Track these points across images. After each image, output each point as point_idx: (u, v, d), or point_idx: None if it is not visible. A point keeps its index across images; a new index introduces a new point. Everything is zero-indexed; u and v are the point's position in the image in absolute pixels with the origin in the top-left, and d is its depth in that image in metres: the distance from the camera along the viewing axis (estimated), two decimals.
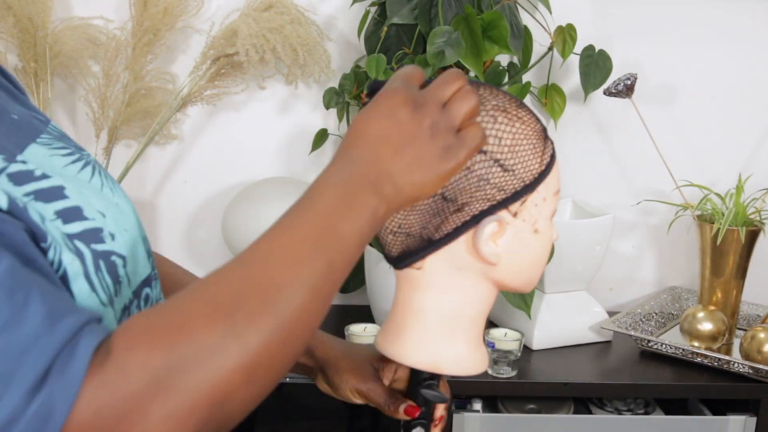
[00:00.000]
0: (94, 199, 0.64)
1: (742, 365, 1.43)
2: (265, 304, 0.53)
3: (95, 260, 0.60)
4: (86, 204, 0.62)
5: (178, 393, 0.49)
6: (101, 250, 0.61)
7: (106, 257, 0.61)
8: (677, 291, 1.77)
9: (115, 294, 0.61)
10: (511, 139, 0.71)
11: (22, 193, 0.57)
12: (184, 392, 0.49)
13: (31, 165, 0.60)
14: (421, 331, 0.75)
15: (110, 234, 0.62)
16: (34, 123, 0.67)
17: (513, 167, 0.71)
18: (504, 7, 1.50)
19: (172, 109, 1.58)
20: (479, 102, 0.67)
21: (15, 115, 0.65)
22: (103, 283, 0.60)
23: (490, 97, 0.72)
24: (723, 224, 1.52)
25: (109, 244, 0.62)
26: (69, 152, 0.67)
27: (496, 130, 0.70)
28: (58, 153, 0.66)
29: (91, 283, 0.58)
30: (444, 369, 0.76)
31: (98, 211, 0.63)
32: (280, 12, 1.54)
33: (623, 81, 1.56)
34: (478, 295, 0.75)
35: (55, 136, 0.68)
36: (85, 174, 0.67)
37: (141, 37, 1.55)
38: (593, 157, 1.77)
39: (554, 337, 1.58)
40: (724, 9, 1.71)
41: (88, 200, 0.62)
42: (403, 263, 0.74)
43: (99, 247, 0.61)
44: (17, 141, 0.62)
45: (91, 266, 0.59)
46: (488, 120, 0.70)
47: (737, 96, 1.75)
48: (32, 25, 1.51)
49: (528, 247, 0.73)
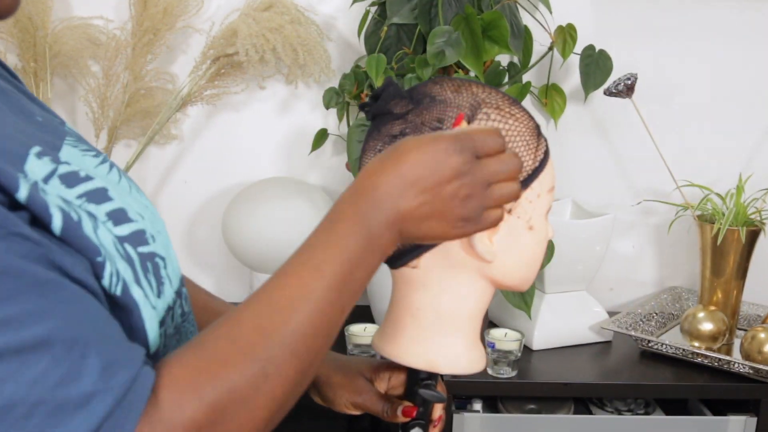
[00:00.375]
0: (130, 201, 0.63)
1: (743, 365, 1.43)
2: (291, 354, 0.56)
3: (143, 263, 0.60)
4: (128, 206, 0.62)
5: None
6: (147, 252, 0.61)
7: (151, 259, 0.61)
8: (677, 291, 1.77)
9: (159, 295, 0.62)
10: (504, 137, 0.70)
11: (75, 195, 0.57)
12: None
13: (75, 166, 0.59)
14: (417, 330, 0.75)
15: (151, 236, 0.63)
16: (56, 124, 0.67)
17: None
18: (504, 6, 1.50)
19: (172, 109, 1.58)
20: (519, 189, 0.67)
21: (39, 117, 0.65)
22: (152, 285, 0.60)
23: (483, 95, 0.72)
24: (723, 224, 1.52)
25: (152, 245, 0.62)
26: (94, 153, 0.66)
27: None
28: (88, 154, 0.65)
29: (142, 287, 0.59)
30: (441, 368, 0.75)
31: (137, 212, 0.63)
32: (280, 12, 1.54)
33: (623, 81, 1.56)
34: (475, 294, 0.75)
35: (76, 137, 0.67)
36: (113, 176, 0.66)
37: (141, 37, 1.55)
38: (593, 157, 1.77)
39: (554, 337, 1.58)
40: (725, 9, 1.71)
41: (127, 202, 0.62)
42: (399, 262, 0.74)
43: (144, 249, 0.61)
44: (52, 142, 0.61)
45: (140, 270, 0.59)
46: (481, 117, 0.71)
47: (737, 96, 1.75)
48: (32, 24, 1.51)
49: (523, 244, 0.73)
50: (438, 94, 0.72)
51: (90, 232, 0.55)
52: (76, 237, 0.53)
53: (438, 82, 0.73)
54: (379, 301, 1.60)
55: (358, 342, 1.44)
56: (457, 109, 0.70)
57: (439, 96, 0.71)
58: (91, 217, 0.57)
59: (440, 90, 0.72)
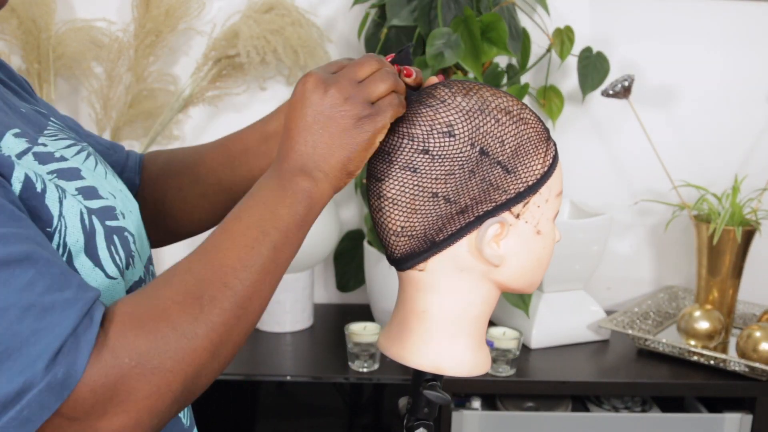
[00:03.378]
0: (103, 182, 0.70)
1: (738, 363, 1.45)
2: (224, 286, 0.60)
3: (108, 236, 0.65)
4: (99, 185, 0.68)
5: (158, 373, 0.56)
6: (115, 226, 0.67)
7: (119, 233, 0.67)
8: (674, 290, 1.78)
9: (127, 267, 0.68)
10: (514, 142, 0.71)
11: (46, 171, 0.64)
12: (164, 372, 0.56)
13: (50, 148, 0.67)
14: (423, 332, 0.75)
15: (121, 213, 0.69)
16: (39, 117, 0.73)
17: (515, 169, 0.71)
18: (503, 9, 1.51)
19: (174, 110, 1.59)
20: (397, 81, 0.69)
21: (23, 109, 0.72)
22: (116, 257, 0.66)
23: (492, 98, 0.72)
24: (719, 224, 1.54)
25: (122, 221, 0.68)
26: (72, 143, 0.72)
27: (499, 132, 0.70)
28: (64, 143, 0.71)
29: (95, 258, 0.64)
30: (447, 370, 0.75)
31: (109, 192, 0.69)
32: (281, 14, 1.55)
33: (620, 82, 1.58)
34: (481, 297, 0.75)
35: (59, 128, 0.74)
36: (90, 162, 0.72)
37: (143, 39, 1.56)
38: (591, 158, 1.78)
39: (552, 336, 1.59)
40: (720, 11, 1.72)
41: (100, 183, 0.69)
42: (406, 265, 0.74)
43: (113, 223, 0.67)
44: (33, 129, 0.68)
45: (102, 242, 0.65)
46: (491, 122, 0.70)
47: (733, 97, 1.76)
48: (36, 27, 1.53)
49: (530, 248, 0.73)
50: (447, 98, 0.71)
51: (52, 203, 0.62)
52: (35, 204, 0.60)
53: (447, 85, 0.72)
54: (378, 300, 1.61)
55: (357, 341, 1.45)
56: (466, 114, 0.70)
57: (449, 99, 0.71)
58: (59, 189, 0.63)
59: (449, 93, 0.71)
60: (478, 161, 0.69)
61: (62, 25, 1.58)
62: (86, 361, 0.53)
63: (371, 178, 0.73)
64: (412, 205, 0.71)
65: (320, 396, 1.54)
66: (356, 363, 1.47)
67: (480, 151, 0.69)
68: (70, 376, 0.52)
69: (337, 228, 1.65)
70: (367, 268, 1.62)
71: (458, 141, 0.69)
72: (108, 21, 1.62)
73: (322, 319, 1.73)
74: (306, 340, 1.64)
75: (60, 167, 0.65)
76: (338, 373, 1.47)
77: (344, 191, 1.78)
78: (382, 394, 1.54)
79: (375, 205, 0.73)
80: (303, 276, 1.65)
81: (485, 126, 0.70)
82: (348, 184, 1.77)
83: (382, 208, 0.72)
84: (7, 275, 0.53)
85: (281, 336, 1.64)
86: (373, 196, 0.73)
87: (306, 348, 1.62)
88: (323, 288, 1.84)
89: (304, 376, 1.48)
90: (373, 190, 0.73)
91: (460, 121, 0.70)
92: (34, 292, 0.53)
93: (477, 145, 0.69)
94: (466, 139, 0.69)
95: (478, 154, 0.69)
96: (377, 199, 0.72)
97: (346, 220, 1.79)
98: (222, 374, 1.42)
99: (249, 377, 1.48)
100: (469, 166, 0.69)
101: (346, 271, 1.75)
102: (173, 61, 1.69)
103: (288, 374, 1.48)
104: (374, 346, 1.45)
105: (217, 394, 1.37)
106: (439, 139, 0.69)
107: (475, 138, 0.70)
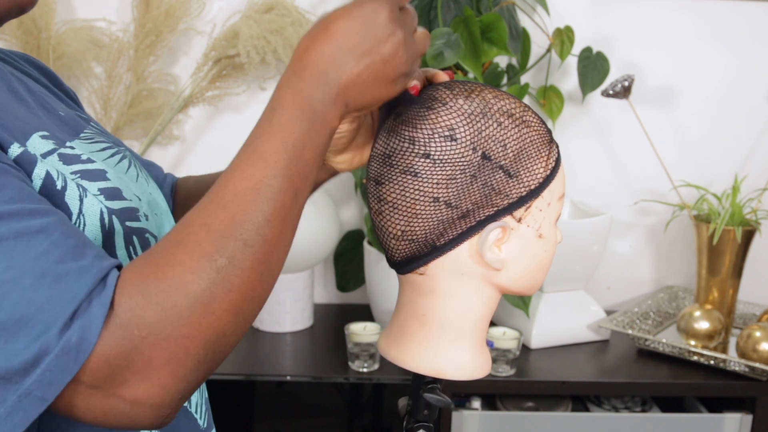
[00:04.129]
0: (131, 185, 0.69)
1: (738, 363, 1.45)
2: (243, 244, 0.56)
3: (128, 236, 0.65)
4: (125, 188, 0.67)
5: (173, 340, 0.53)
6: (136, 227, 0.66)
7: (140, 234, 0.66)
8: (674, 290, 1.78)
9: None
10: (516, 145, 0.69)
11: (70, 171, 0.63)
12: (179, 339, 0.54)
13: (78, 150, 0.66)
14: (424, 336, 0.74)
15: (144, 215, 0.68)
16: (78, 121, 0.74)
17: (518, 173, 0.69)
18: (503, 9, 1.51)
19: (174, 110, 1.59)
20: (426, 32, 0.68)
21: (62, 112, 0.73)
22: (133, 257, 0.64)
23: (495, 100, 0.70)
24: (719, 224, 1.54)
25: (144, 223, 0.67)
26: (108, 146, 0.73)
27: (502, 136, 0.69)
28: (99, 146, 0.71)
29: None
30: (447, 374, 0.75)
31: (135, 194, 0.68)
32: (281, 14, 1.55)
33: (620, 82, 1.58)
34: (482, 300, 0.74)
35: (97, 132, 0.75)
36: (122, 165, 0.72)
37: (143, 39, 1.56)
38: (591, 158, 1.78)
39: (552, 336, 1.59)
40: (720, 11, 1.72)
41: (127, 185, 0.68)
42: (406, 268, 0.73)
43: (134, 224, 0.66)
44: (67, 132, 0.69)
45: (121, 242, 0.64)
46: (493, 125, 0.69)
47: (733, 97, 1.76)
48: (36, 27, 1.53)
49: (532, 252, 0.72)
50: (449, 100, 0.69)
51: (72, 200, 0.61)
52: (54, 201, 0.60)
53: (449, 87, 0.71)
54: (378, 300, 1.61)
55: (357, 341, 1.46)
56: (468, 117, 0.69)
57: (450, 102, 0.69)
58: (80, 188, 0.63)
59: (451, 95, 0.70)
60: (479, 166, 0.68)
61: (62, 25, 1.58)
62: (100, 326, 0.52)
63: (371, 180, 0.72)
64: (412, 209, 0.69)
65: (320, 396, 1.54)
66: (356, 363, 1.47)
67: (482, 156, 0.68)
68: (85, 340, 0.51)
69: (337, 228, 1.65)
70: (367, 268, 1.62)
71: (460, 145, 0.68)
72: (108, 21, 1.62)
73: (322, 319, 1.73)
74: (306, 340, 1.64)
75: (85, 168, 0.65)
76: (338, 373, 1.47)
77: (344, 191, 1.78)
78: (382, 394, 1.54)
79: (375, 208, 0.72)
80: (303, 276, 1.65)
81: (487, 130, 0.69)
82: (348, 185, 1.78)
83: (382, 212, 0.71)
84: (23, 245, 0.52)
85: (281, 336, 1.64)
86: (372, 199, 0.72)
87: (306, 348, 1.62)
88: (323, 288, 1.84)
89: (304, 376, 1.48)
90: (373, 193, 0.72)
91: (462, 125, 0.68)
92: (48, 260, 0.52)
93: (479, 150, 0.68)
94: (468, 144, 0.68)
95: (480, 159, 0.68)
96: (377, 202, 0.71)
97: (346, 220, 1.79)
98: (222, 374, 1.43)
99: (249, 377, 1.48)
100: (470, 171, 0.68)
101: (346, 271, 1.75)
102: (173, 61, 1.69)
103: (288, 374, 1.48)
104: (374, 346, 1.45)
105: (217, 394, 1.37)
106: (441, 143, 0.68)
107: (477, 142, 0.68)
